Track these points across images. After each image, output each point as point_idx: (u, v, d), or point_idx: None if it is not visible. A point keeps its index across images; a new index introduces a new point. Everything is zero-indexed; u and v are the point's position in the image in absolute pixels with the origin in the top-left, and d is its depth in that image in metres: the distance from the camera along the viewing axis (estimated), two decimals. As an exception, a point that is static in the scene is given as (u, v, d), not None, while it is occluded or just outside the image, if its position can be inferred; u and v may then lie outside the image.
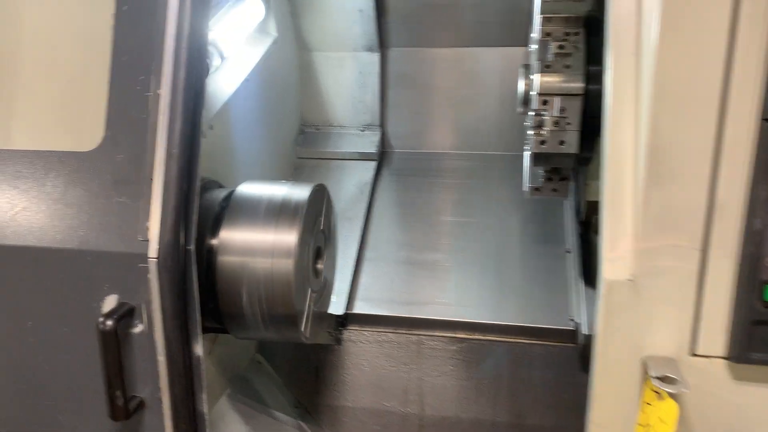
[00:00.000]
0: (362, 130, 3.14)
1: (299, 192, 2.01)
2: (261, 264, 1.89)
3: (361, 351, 2.60)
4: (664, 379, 1.36)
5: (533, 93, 2.20)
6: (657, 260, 1.39)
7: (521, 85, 2.37)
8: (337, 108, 3.14)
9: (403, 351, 2.58)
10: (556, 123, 2.12)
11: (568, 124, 2.12)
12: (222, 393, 2.37)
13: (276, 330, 1.98)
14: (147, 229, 1.55)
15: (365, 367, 2.60)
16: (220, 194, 2.06)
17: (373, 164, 3.06)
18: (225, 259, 1.91)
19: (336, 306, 2.53)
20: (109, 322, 1.54)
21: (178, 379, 1.59)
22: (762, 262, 1.33)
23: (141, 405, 1.65)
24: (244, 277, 1.89)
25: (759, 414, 1.43)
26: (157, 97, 1.56)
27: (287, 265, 1.87)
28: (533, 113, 2.20)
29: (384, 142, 3.18)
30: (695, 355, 1.42)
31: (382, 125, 3.15)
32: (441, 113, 3.16)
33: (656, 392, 1.36)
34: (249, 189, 2.04)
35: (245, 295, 1.90)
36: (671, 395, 1.34)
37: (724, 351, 1.40)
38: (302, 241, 1.93)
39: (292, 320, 1.92)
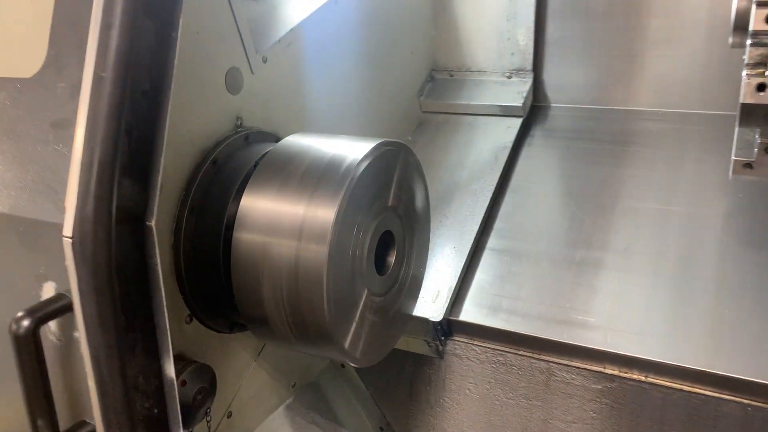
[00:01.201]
0: (508, 77, 2.39)
1: (360, 149, 1.39)
2: (285, 249, 1.32)
3: (468, 370, 1.94)
4: None
5: (754, 6, 1.33)
6: None
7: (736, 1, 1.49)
8: (477, 47, 2.41)
9: (525, 380, 1.87)
10: (790, 53, 1.26)
11: (815, 54, 1.24)
12: (280, 403, 1.87)
13: (310, 344, 1.41)
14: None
15: (472, 392, 1.94)
16: (263, 149, 1.52)
17: (517, 122, 2.31)
18: (242, 238, 1.37)
19: (435, 308, 1.88)
20: (25, 323, 1.09)
21: (114, 416, 1.09)
22: None
23: (85, 437, 1.19)
24: (264, 267, 1.34)
25: None
26: (102, -7, 1.03)
27: (318, 253, 1.28)
28: (752, 41, 1.34)
29: (537, 93, 2.40)
30: None
31: (536, 70, 2.37)
32: (621, 55, 2.29)
33: None
34: (294, 141, 1.47)
35: (266, 292, 1.35)
36: None
37: None
38: (347, 220, 1.32)
39: (326, 334, 1.33)
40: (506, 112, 2.33)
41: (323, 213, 1.30)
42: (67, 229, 1.01)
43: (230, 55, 1.51)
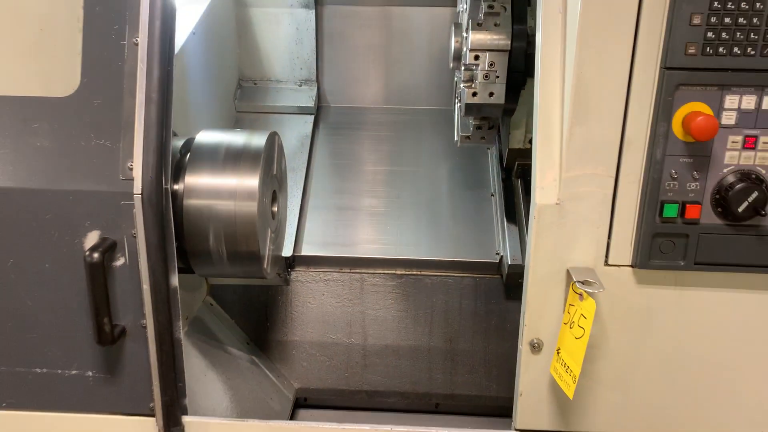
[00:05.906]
0: (299, 85, 3.28)
1: (257, 139, 2.17)
2: (225, 206, 2.05)
3: (308, 290, 2.81)
4: (584, 283, 1.65)
5: (465, 49, 2.43)
6: (579, 187, 1.67)
7: (453, 42, 2.60)
8: (275, 63, 3.26)
9: (347, 288, 2.80)
10: (486, 76, 2.37)
11: (497, 77, 2.37)
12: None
13: (240, 267, 2.15)
14: (130, 168, 1.68)
15: (312, 304, 2.81)
16: (179, 143, 2.19)
17: (311, 118, 3.23)
18: (192, 203, 2.05)
19: (284, 249, 2.71)
20: (96, 255, 1.67)
21: (161, 307, 1.75)
22: (661, 186, 1.64)
23: (123, 332, 1.79)
24: (210, 219, 2.05)
25: (656, 308, 1.76)
26: (134, 45, 1.67)
27: (251, 207, 2.04)
28: (465, 68, 2.44)
29: (320, 97, 3.35)
30: (608, 264, 1.73)
31: (319, 80, 3.32)
32: (373, 69, 3.35)
33: (578, 294, 1.66)
34: (208, 137, 2.18)
35: (212, 236, 2.06)
36: (590, 295, 1.64)
37: (631, 260, 1.72)
38: (263, 185, 2.10)
39: (256, 258, 2.10)
40: (302, 111, 3.23)
41: (250, 181, 2.06)
42: (137, 189, 1.66)
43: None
